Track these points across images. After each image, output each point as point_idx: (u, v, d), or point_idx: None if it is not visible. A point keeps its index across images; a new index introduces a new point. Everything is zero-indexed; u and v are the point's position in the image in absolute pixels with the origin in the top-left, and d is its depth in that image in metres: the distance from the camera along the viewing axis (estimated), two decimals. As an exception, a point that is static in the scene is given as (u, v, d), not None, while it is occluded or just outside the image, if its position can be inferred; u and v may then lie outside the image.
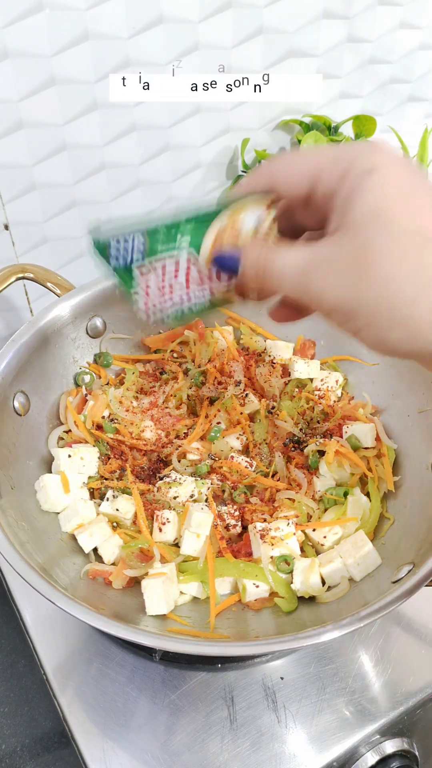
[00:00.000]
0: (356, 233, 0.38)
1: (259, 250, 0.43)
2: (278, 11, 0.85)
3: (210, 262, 0.45)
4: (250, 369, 0.82)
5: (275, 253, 0.42)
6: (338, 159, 0.40)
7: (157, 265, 0.46)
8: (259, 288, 0.44)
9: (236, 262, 0.44)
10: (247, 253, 0.44)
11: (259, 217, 0.44)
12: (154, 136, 0.88)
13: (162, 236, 0.45)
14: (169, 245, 0.45)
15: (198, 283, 0.46)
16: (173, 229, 0.44)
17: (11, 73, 0.73)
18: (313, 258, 0.40)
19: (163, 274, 0.46)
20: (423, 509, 0.66)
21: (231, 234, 0.44)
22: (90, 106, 0.80)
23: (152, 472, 0.74)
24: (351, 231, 0.38)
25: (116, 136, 0.85)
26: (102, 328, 0.82)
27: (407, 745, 0.66)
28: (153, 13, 0.77)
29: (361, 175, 0.38)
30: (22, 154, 0.80)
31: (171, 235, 0.44)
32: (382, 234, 0.37)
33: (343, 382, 0.82)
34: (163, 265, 0.46)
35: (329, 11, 0.89)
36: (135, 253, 0.45)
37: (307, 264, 0.40)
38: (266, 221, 0.44)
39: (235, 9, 0.82)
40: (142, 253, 0.45)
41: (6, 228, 0.85)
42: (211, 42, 0.83)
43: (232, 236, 0.44)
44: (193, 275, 0.46)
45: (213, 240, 0.44)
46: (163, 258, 0.45)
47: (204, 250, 0.45)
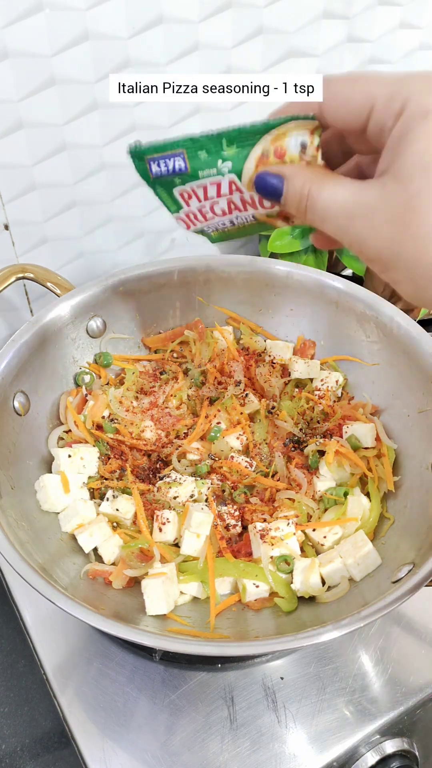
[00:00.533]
0: (404, 184, 0.37)
1: (304, 178, 0.41)
2: (278, 11, 0.85)
3: (252, 186, 0.43)
4: (250, 369, 0.82)
5: (320, 184, 0.40)
6: (394, 94, 0.38)
7: (198, 190, 0.44)
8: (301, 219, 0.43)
9: (279, 187, 0.42)
10: (291, 180, 0.41)
11: (304, 143, 0.42)
12: (155, 136, 0.87)
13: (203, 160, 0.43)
14: (210, 169, 0.43)
15: (240, 208, 0.45)
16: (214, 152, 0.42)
17: (11, 73, 0.73)
18: (358, 201, 0.39)
19: (205, 197, 0.45)
20: (423, 509, 0.66)
21: (274, 159, 0.42)
22: (90, 106, 0.80)
23: (152, 472, 0.74)
24: (399, 180, 0.37)
25: (116, 136, 0.85)
26: (102, 328, 0.82)
27: (407, 745, 0.66)
28: (153, 13, 0.77)
29: (416, 117, 0.36)
30: (22, 154, 0.80)
31: (212, 159, 0.43)
32: (429, 190, 0.36)
33: (343, 382, 0.82)
34: (204, 188, 0.44)
35: (329, 11, 0.89)
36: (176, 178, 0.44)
37: (352, 206, 0.39)
38: (311, 147, 0.42)
39: (235, 9, 0.82)
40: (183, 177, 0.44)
41: (6, 228, 0.85)
42: (211, 42, 0.83)
43: (276, 161, 0.42)
44: (235, 200, 0.44)
45: (255, 164, 0.42)
46: (204, 182, 0.44)
47: (246, 173, 0.43)
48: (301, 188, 0.41)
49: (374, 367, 0.80)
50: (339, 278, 0.81)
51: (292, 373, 0.81)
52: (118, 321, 0.83)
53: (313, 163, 0.42)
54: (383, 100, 0.38)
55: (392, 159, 0.38)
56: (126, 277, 0.80)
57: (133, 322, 0.84)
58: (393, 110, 0.38)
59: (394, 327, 0.75)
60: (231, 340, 0.84)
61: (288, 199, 0.42)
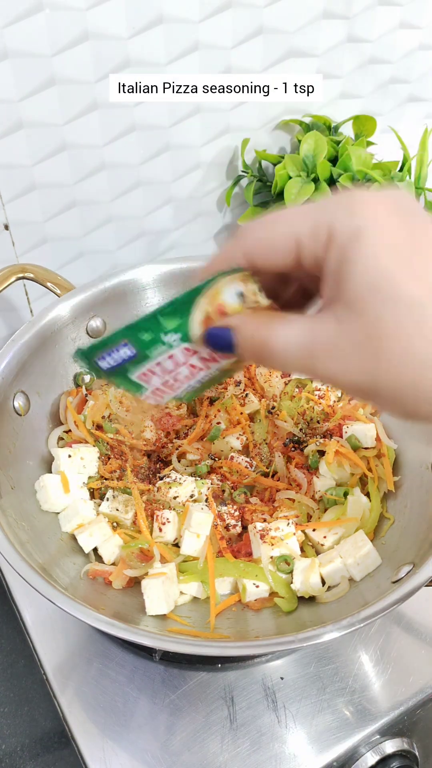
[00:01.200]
0: (359, 314, 0.34)
1: (252, 325, 0.39)
2: (278, 11, 0.85)
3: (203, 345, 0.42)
4: (250, 369, 0.82)
5: (271, 330, 0.38)
6: (317, 226, 0.36)
7: (155, 368, 0.44)
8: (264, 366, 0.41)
9: (230, 340, 0.40)
10: (240, 330, 0.39)
11: (240, 293, 0.40)
12: (154, 136, 0.88)
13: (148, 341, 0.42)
14: (158, 347, 0.42)
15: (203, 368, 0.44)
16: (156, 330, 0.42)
17: (11, 73, 0.73)
18: (316, 338, 0.36)
19: (164, 372, 0.44)
20: (423, 509, 0.66)
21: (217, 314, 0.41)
22: (90, 106, 0.80)
23: (152, 472, 0.74)
24: (352, 309, 0.35)
25: (116, 136, 0.85)
26: (102, 328, 0.82)
27: (407, 745, 0.66)
28: (153, 13, 0.77)
29: (346, 244, 0.34)
30: (22, 154, 0.80)
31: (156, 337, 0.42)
32: (389, 312, 0.33)
33: (343, 382, 0.82)
34: (160, 364, 0.44)
35: (329, 11, 0.89)
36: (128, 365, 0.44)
37: (311, 345, 0.36)
38: (249, 295, 0.40)
39: (235, 9, 0.82)
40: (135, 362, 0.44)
41: (6, 228, 0.85)
42: (211, 42, 0.83)
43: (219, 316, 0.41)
44: (194, 363, 0.44)
45: (200, 325, 0.41)
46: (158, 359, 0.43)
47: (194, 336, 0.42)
48: (252, 336, 0.39)
49: (374, 367, 0.79)
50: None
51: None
52: (118, 321, 0.83)
53: (257, 307, 0.41)
54: (307, 234, 0.36)
55: (337, 287, 0.35)
56: (126, 277, 0.80)
57: (133, 322, 0.84)
58: (321, 241, 0.36)
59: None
60: (231, 340, 0.84)
61: (242, 350, 0.40)
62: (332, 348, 0.36)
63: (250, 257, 0.39)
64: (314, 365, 0.37)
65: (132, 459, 0.74)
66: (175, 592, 0.64)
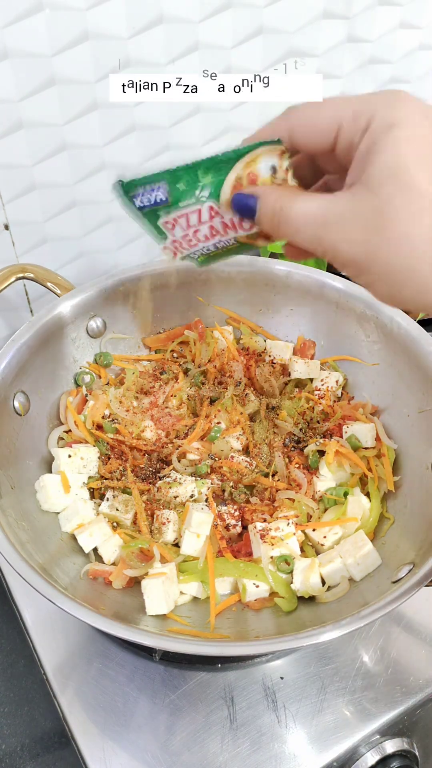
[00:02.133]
0: (373, 192, 0.39)
1: (276, 195, 0.43)
2: (278, 11, 0.85)
3: (229, 207, 0.46)
4: (250, 369, 0.82)
5: (292, 199, 0.42)
6: (359, 112, 0.40)
7: (180, 219, 0.47)
8: (276, 234, 0.45)
9: (254, 206, 0.44)
10: (263, 198, 0.44)
11: (274, 166, 0.44)
12: (154, 136, 0.88)
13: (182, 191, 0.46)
14: (189, 199, 0.46)
15: (221, 232, 0.48)
16: (192, 182, 0.45)
17: (11, 73, 0.73)
18: (329, 210, 0.41)
19: (187, 226, 0.47)
20: (423, 509, 0.66)
21: (248, 181, 0.45)
22: (90, 106, 0.80)
23: (152, 472, 0.74)
24: (368, 188, 0.39)
25: (116, 136, 0.85)
26: (102, 328, 0.82)
27: (407, 745, 0.66)
28: (153, 13, 0.77)
29: (381, 130, 0.39)
30: (22, 154, 0.80)
31: (190, 189, 0.45)
32: (399, 195, 0.38)
33: (343, 382, 0.82)
34: (186, 216, 0.47)
35: (329, 11, 0.89)
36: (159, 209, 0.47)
37: (323, 216, 0.41)
38: (281, 170, 0.45)
39: (235, 9, 0.82)
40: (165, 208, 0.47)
41: (6, 228, 0.85)
42: (211, 42, 0.83)
43: (249, 183, 0.45)
44: (216, 225, 0.47)
45: (231, 190, 0.45)
46: (185, 211, 0.47)
47: (223, 199, 0.46)
48: (273, 204, 0.43)
49: (374, 367, 0.80)
50: (339, 278, 0.81)
51: (292, 373, 0.81)
52: (118, 321, 0.83)
53: (284, 184, 0.45)
54: (349, 119, 0.41)
55: (361, 170, 0.40)
56: (126, 277, 0.80)
57: (133, 322, 0.84)
58: (359, 127, 0.40)
59: (394, 327, 0.76)
60: (231, 340, 0.84)
61: (262, 216, 0.44)
62: (341, 219, 0.40)
63: (293, 135, 0.44)
64: (322, 236, 0.41)
65: (132, 459, 0.74)
66: (175, 592, 0.64)
